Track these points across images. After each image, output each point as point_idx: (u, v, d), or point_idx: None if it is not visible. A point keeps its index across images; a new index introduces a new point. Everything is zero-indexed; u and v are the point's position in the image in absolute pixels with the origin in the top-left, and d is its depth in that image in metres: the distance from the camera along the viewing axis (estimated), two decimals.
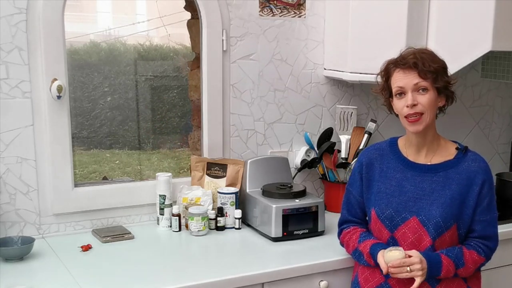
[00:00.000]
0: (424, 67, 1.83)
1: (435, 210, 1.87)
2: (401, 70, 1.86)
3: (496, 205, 1.95)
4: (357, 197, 2.04)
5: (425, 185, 1.91)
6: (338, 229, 2.12)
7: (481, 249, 1.91)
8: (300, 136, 2.74)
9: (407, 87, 1.85)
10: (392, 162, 1.98)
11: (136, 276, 1.93)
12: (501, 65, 2.92)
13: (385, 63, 1.95)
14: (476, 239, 1.92)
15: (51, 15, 2.18)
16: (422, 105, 1.85)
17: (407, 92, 1.85)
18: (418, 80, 1.84)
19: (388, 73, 1.92)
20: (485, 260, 1.93)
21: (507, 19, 2.26)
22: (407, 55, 1.88)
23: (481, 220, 1.90)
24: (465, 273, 1.89)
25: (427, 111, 1.85)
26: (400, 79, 1.86)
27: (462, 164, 1.92)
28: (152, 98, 4.55)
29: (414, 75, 1.84)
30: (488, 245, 1.92)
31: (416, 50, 1.89)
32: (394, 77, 1.89)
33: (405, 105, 1.85)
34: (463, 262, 1.87)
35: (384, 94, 1.97)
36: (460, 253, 1.88)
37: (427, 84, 1.84)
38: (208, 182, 2.51)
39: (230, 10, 2.50)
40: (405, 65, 1.85)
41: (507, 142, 3.31)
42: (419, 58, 1.85)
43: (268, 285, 2.01)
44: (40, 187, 2.26)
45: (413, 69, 1.84)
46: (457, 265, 1.86)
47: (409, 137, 1.96)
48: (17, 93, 2.18)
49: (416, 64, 1.84)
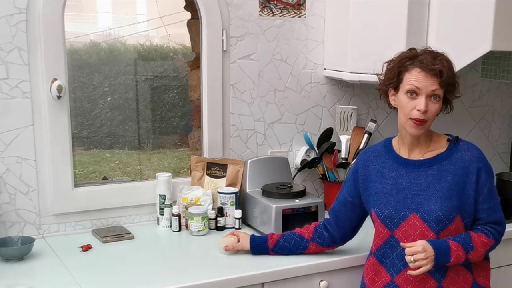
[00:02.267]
0: (447, 77, 1.83)
1: (434, 205, 1.86)
2: (423, 72, 1.83)
3: (497, 191, 1.94)
4: (346, 195, 2.06)
5: (420, 180, 1.91)
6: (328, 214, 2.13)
7: (489, 232, 1.89)
8: (300, 136, 2.74)
9: (423, 91, 1.83)
10: (387, 161, 1.98)
11: (136, 276, 1.93)
12: (501, 65, 2.92)
13: (399, 54, 1.91)
14: (482, 225, 1.91)
15: (51, 15, 2.18)
16: (430, 113, 1.84)
17: (421, 95, 1.83)
18: (436, 88, 1.83)
19: (403, 66, 1.87)
20: (494, 242, 1.90)
21: (507, 19, 2.26)
22: (433, 58, 1.84)
23: (485, 209, 1.89)
24: (476, 256, 1.86)
25: (430, 119, 1.86)
26: (420, 80, 1.83)
27: (456, 155, 1.92)
28: (152, 98, 4.55)
29: (434, 82, 1.82)
30: (496, 228, 1.91)
31: (441, 55, 1.86)
32: (411, 74, 1.85)
33: (415, 107, 1.83)
34: (472, 245, 1.85)
35: (387, 83, 1.93)
36: (468, 237, 1.86)
37: (441, 93, 1.84)
38: (208, 182, 2.51)
39: (230, 10, 2.50)
40: (431, 70, 1.82)
41: (507, 142, 3.31)
42: (446, 67, 1.83)
43: (268, 285, 2.01)
44: (40, 187, 2.26)
45: (437, 76, 1.82)
46: (466, 249, 1.84)
47: (403, 136, 1.96)
48: (17, 93, 2.18)
49: (442, 73, 1.82)
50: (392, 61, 1.93)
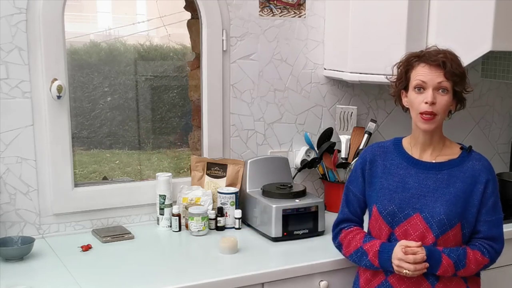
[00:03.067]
0: (452, 68, 1.83)
1: (439, 208, 1.86)
2: (427, 66, 1.85)
3: (501, 206, 1.94)
4: (358, 194, 2.03)
5: (429, 182, 1.91)
6: (336, 228, 2.08)
7: (486, 250, 1.90)
8: (300, 136, 2.74)
9: (429, 84, 1.84)
10: (395, 159, 1.98)
11: (136, 276, 1.93)
12: (501, 65, 2.92)
13: (407, 55, 1.94)
14: (481, 239, 1.91)
15: (51, 15, 2.18)
16: (439, 106, 1.85)
17: (428, 88, 1.85)
18: (442, 80, 1.84)
19: (410, 65, 1.90)
20: (489, 261, 1.91)
21: (507, 19, 2.26)
22: (436, 53, 1.87)
23: (486, 221, 1.90)
24: (466, 273, 1.89)
25: (440, 113, 1.86)
26: (425, 74, 1.85)
27: (467, 163, 1.92)
28: (152, 98, 4.54)
29: (439, 74, 1.84)
30: (494, 246, 1.91)
31: (445, 50, 1.88)
32: (417, 71, 1.87)
33: (423, 101, 1.85)
34: (465, 263, 1.86)
35: (398, 85, 1.96)
36: (463, 255, 1.87)
37: (448, 85, 1.85)
38: (208, 182, 2.51)
39: (230, 10, 2.50)
40: (434, 62, 1.84)
41: (507, 142, 3.31)
42: (449, 59, 1.84)
43: (268, 285, 2.01)
44: (40, 187, 2.26)
45: (440, 68, 1.84)
46: (457, 266, 1.86)
47: (416, 135, 1.96)
48: (17, 93, 2.18)
49: (445, 64, 1.83)
50: (400, 63, 1.95)
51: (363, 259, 1.94)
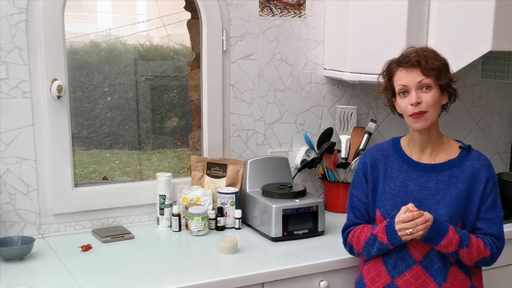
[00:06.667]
0: (427, 64, 1.84)
1: (441, 210, 1.86)
2: (404, 69, 1.87)
3: (501, 204, 1.94)
4: (363, 199, 2.01)
5: (430, 185, 1.91)
6: (344, 233, 2.05)
7: (488, 243, 1.88)
8: (300, 136, 2.74)
9: (410, 85, 1.85)
10: (396, 162, 1.98)
11: (136, 276, 1.93)
12: (501, 65, 2.92)
13: (387, 63, 1.95)
14: (482, 235, 1.90)
15: (51, 15, 2.19)
16: (426, 103, 1.85)
17: (410, 91, 1.86)
18: (421, 78, 1.84)
19: (391, 72, 1.92)
20: (490, 254, 1.89)
21: (507, 19, 2.26)
22: (409, 53, 1.88)
23: (485, 218, 1.89)
24: (467, 256, 1.85)
25: (431, 109, 1.86)
26: (403, 78, 1.86)
27: (466, 163, 1.92)
28: (152, 98, 4.54)
29: (417, 73, 1.84)
30: (495, 242, 1.90)
31: (418, 49, 1.90)
32: (397, 76, 1.89)
33: (409, 103, 1.85)
34: (469, 243, 1.84)
35: (386, 95, 1.97)
36: (468, 236, 1.85)
37: (430, 81, 1.85)
38: (208, 182, 2.51)
39: (230, 10, 2.50)
40: (408, 63, 1.85)
41: (507, 142, 3.31)
42: (422, 56, 1.85)
43: (268, 285, 2.01)
44: (40, 187, 2.26)
45: (416, 67, 1.84)
46: (461, 242, 1.83)
47: (413, 136, 1.96)
48: (17, 93, 2.18)
49: (419, 62, 1.84)
50: (383, 72, 1.97)
51: (375, 244, 1.89)
